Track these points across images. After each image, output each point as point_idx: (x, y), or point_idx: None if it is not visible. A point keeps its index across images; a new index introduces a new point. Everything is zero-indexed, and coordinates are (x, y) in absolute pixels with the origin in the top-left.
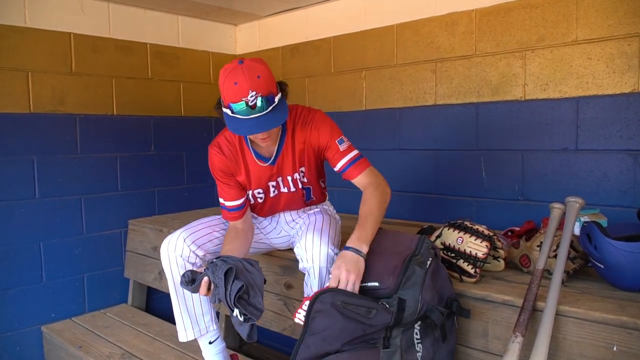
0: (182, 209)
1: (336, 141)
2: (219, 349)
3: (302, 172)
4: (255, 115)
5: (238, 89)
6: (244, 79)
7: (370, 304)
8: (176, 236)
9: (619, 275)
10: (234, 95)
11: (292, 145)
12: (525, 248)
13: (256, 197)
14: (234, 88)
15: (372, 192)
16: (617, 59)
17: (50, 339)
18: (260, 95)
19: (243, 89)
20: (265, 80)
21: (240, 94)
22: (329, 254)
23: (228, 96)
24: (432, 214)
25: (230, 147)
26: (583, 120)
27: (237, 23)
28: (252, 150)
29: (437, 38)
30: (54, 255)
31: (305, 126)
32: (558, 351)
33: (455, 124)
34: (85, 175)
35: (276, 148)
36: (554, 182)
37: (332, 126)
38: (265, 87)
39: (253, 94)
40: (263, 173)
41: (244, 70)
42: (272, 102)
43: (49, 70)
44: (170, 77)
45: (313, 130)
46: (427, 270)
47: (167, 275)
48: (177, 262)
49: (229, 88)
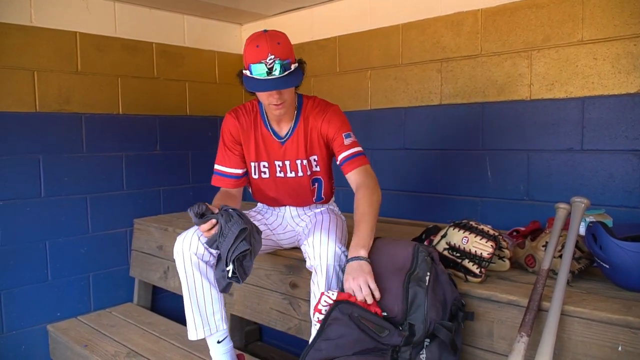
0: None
1: (343, 134)
2: (227, 349)
3: (314, 161)
4: (271, 77)
5: (259, 51)
6: (265, 43)
7: (384, 324)
8: (190, 234)
9: (625, 275)
10: (255, 57)
11: (305, 130)
12: (531, 248)
13: (261, 171)
14: (255, 50)
15: (362, 195)
16: (622, 59)
17: (55, 337)
18: (278, 59)
19: (263, 52)
20: (285, 47)
21: (260, 56)
22: (336, 252)
23: (249, 57)
24: (438, 214)
25: (246, 117)
26: (589, 120)
27: (242, 22)
28: (267, 125)
29: (443, 38)
30: (60, 254)
31: (318, 115)
32: (563, 351)
33: (460, 123)
34: (90, 174)
35: (289, 129)
36: (559, 182)
37: (344, 121)
38: (284, 53)
39: (272, 57)
40: (272, 148)
41: (266, 36)
42: (289, 69)
43: (55, 70)
44: (176, 76)
45: (325, 120)
46: (427, 287)
47: (180, 273)
48: (192, 259)
49: (251, 50)
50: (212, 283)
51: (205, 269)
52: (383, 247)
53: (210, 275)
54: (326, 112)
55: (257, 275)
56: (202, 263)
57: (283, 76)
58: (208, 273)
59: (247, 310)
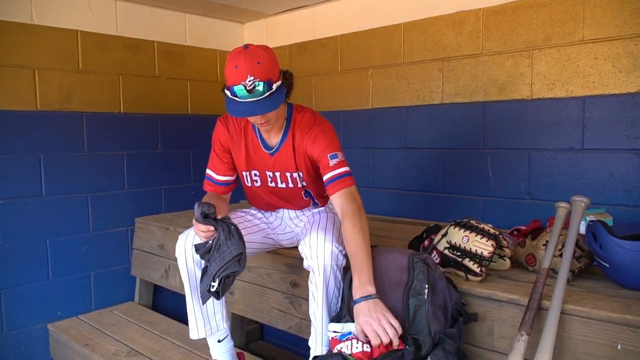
0: (189, 207)
1: (328, 155)
2: (227, 348)
3: (300, 176)
4: (251, 100)
5: (238, 72)
6: (244, 64)
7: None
8: (193, 233)
9: (624, 274)
10: (234, 78)
11: (292, 144)
12: (531, 247)
13: (253, 179)
14: (234, 71)
15: (351, 225)
16: (623, 59)
17: (56, 336)
18: (258, 80)
19: (242, 73)
20: (265, 66)
21: (240, 78)
22: (333, 251)
23: (229, 78)
24: (439, 213)
25: (236, 126)
26: (589, 119)
27: (244, 21)
28: (257, 135)
29: (444, 37)
30: (61, 253)
31: (305, 133)
32: (563, 350)
33: (462, 123)
34: (92, 173)
35: (278, 141)
36: (560, 181)
37: (331, 140)
38: (264, 74)
39: (251, 79)
40: (262, 159)
41: (246, 55)
42: (270, 89)
43: (56, 68)
44: (177, 75)
45: (310, 139)
46: (427, 300)
47: (182, 272)
48: (194, 258)
49: (230, 70)
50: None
51: None
52: (377, 260)
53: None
54: (312, 130)
55: (257, 274)
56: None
57: (263, 98)
58: None
59: (248, 309)
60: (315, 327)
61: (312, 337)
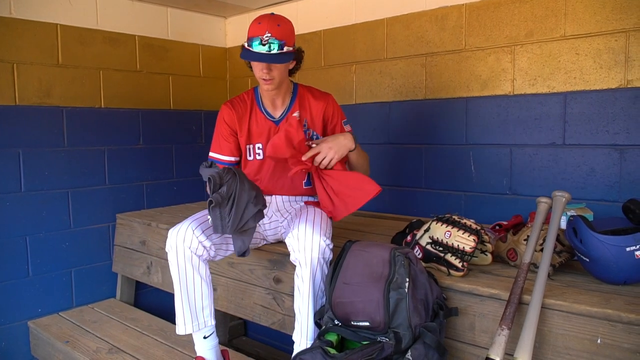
0: (171, 203)
1: (342, 122)
2: (213, 345)
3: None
4: (263, 51)
5: (259, 28)
6: (266, 22)
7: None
8: (185, 227)
9: (604, 268)
10: (254, 31)
11: (299, 112)
12: (513, 242)
13: (255, 152)
14: (256, 26)
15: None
16: (604, 55)
17: (36, 334)
18: (274, 38)
19: (262, 29)
20: (284, 30)
21: (259, 32)
22: (320, 244)
23: (250, 31)
24: (422, 208)
25: (242, 105)
26: (570, 115)
27: (227, 15)
28: (261, 108)
29: (427, 32)
30: (41, 249)
31: (321, 99)
32: (544, 344)
33: (445, 118)
34: (72, 168)
35: (284, 110)
36: (541, 177)
37: (340, 108)
38: (281, 35)
39: (268, 35)
40: (266, 129)
41: (270, 17)
42: (281, 49)
43: (35, 62)
44: (159, 69)
45: (329, 105)
46: (407, 293)
47: (172, 267)
48: (185, 253)
49: (253, 25)
50: (203, 278)
51: (198, 263)
52: (360, 253)
53: (202, 270)
54: (328, 97)
55: (240, 270)
56: (195, 257)
57: (274, 53)
58: (200, 267)
59: (231, 305)
60: (300, 321)
61: (297, 331)
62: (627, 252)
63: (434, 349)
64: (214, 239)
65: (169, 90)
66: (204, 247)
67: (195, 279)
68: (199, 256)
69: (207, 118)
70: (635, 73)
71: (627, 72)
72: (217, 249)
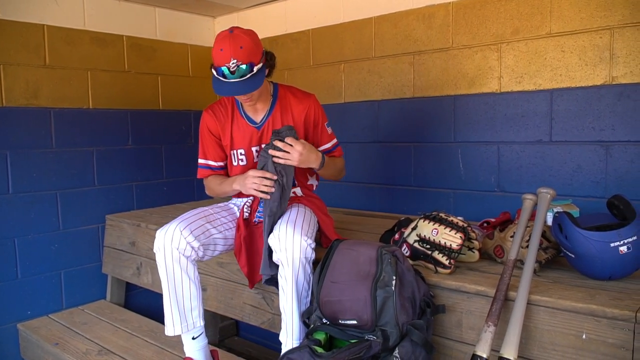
0: (161, 204)
1: (325, 124)
2: (202, 345)
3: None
4: (233, 80)
5: (222, 55)
6: (228, 47)
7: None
8: (173, 228)
9: (589, 264)
10: (219, 60)
11: (281, 115)
12: (499, 239)
13: (239, 158)
14: (219, 54)
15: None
16: (589, 52)
17: (26, 336)
18: (240, 63)
19: (226, 56)
20: (248, 50)
21: (224, 60)
22: (302, 244)
23: (215, 60)
24: (411, 206)
25: (223, 110)
26: (557, 112)
27: (215, 15)
28: (242, 114)
29: (415, 31)
30: (30, 251)
31: (303, 100)
32: (530, 340)
33: (433, 116)
34: (60, 169)
35: (265, 114)
36: (529, 174)
37: (322, 109)
38: (246, 57)
39: (234, 62)
40: (248, 134)
41: (230, 39)
42: (251, 71)
43: (22, 63)
44: (148, 70)
45: (312, 106)
46: (394, 291)
47: (160, 268)
48: (173, 254)
49: (216, 53)
50: (192, 279)
51: (186, 264)
52: (347, 252)
53: (191, 271)
54: (310, 99)
55: (230, 270)
56: (183, 258)
57: (245, 79)
58: (188, 268)
59: (221, 305)
60: (286, 320)
61: (283, 331)
62: (611, 247)
63: (421, 347)
64: (202, 240)
65: (158, 90)
66: (192, 248)
67: (183, 280)
68: (187, 257)
69: (197, 118)
70: (620, 70)
71: (612, 69)
72: (205, 249)
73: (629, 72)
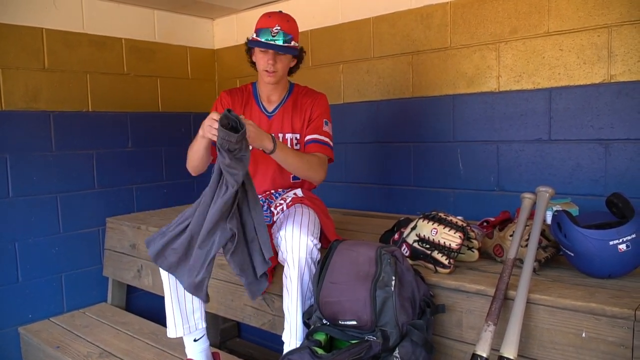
0: (162, 206)
1: (323, 120)
2: (203, 347)
3: (297, 138)
4: (271, 42)
5: (269, 20)
6: (276, 17)
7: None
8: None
9: (588, 262)
10: (264, 23)
11: (292, 108)
12: (499, 238)
13: None
14: (266, 19)
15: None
16: (587, 50)
17: (27, 340)
18: (283, 31)
19: (272, 22)
20: (292, 26)
21: (269, 24)
22: (308, 244)
23: (259, 23)
24: (411, 206)
25: (239, 94)
26: (556, 111)
27: (214, 17)
28: (257, 102)
29: (413, 31)
30: (30, 254)
31: (311, 96)
32: (529, 339)
33: (432, 116)
34: (60, 172)
35: (277, 105)
36: (528, 172)
37: (328, 110)
38: (289, 30)
39: (278, 28)
40: (257, 120)
41: (280, 13)
42: (289, 43)
43: (21, 67)
44: (147, 72)
45: (316, 102)
46: (394, 292)
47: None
48: None
49: (263, 18)
50: None
51: None
52: (346, 252)
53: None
54: (318, 96)
55: (229, 271)
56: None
57: (282, 45)
58: None
59: (221, 307)
60: (289, 321)
61: (286, 331)
62: (610, 245)
63: (421, 347)
64: None
65: (157, 92)
66: None
67: None
68: None
69: (196, 120)
70: (618, 68)
71: (610, 67)
72: None
73: (627, 70)
